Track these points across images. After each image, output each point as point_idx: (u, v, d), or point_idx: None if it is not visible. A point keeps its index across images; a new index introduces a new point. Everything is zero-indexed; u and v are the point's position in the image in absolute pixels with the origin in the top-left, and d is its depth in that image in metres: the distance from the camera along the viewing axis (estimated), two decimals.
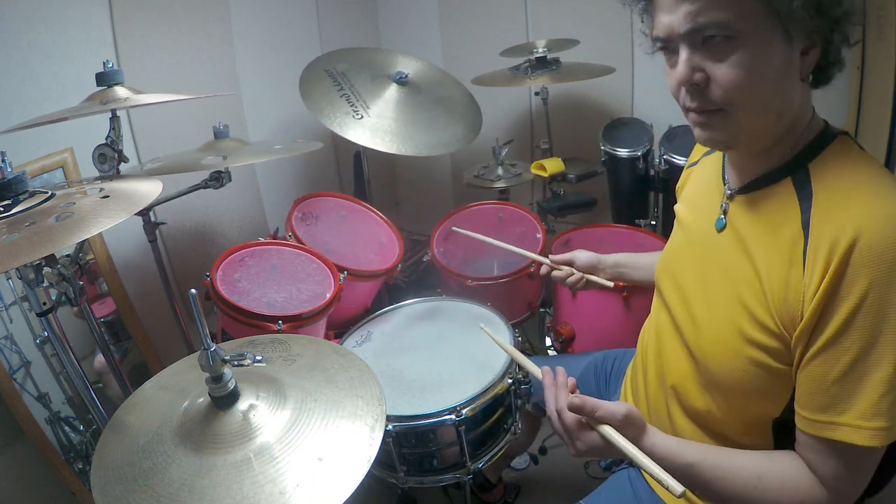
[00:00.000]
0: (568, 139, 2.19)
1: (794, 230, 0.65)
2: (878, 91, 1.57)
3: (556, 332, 1.60)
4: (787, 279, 0.65)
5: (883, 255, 0.58)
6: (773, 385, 0.70)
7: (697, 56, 0.64)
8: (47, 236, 0.71)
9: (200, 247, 1.84)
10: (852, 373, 0.61)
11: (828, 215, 0.63)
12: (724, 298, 0.74)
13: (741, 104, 0.65)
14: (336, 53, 1.86)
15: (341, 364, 0.90)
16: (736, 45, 0.62)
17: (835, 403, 0.63)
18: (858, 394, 0.61)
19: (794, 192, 0.67)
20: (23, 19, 1.34)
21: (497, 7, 2.31)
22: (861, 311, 0.59)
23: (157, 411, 0.81)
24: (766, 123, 0.67)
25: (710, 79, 0.64)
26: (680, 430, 0.86)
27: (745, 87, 0.63)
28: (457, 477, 1.11)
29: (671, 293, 0.88)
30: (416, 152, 1.63)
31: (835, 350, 0.62)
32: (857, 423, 0.61)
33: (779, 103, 0.66)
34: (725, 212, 0.77)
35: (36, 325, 1.35)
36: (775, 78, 0.64)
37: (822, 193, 0.65)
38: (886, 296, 0.58)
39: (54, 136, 1.40)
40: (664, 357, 0.89)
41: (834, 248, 0.60)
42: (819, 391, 0.64)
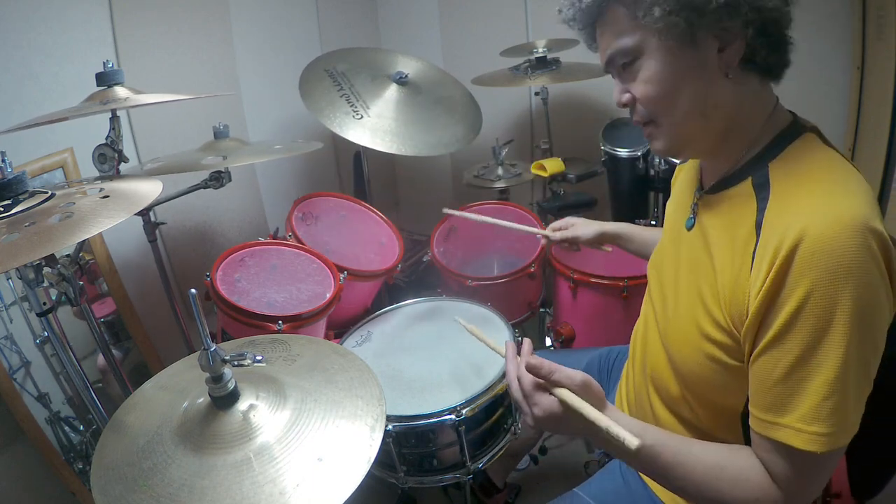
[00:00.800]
0: (568, 139, 2.19)
1: (747, 230, 0.66)
2: (878, 91, 1.57)
3: (556, 332, 1.60)
4: (736, 277, 0.66)
5: (826, 258, 0.58)
6: (731, 380, 0.71)
7: (623, 79, 0.72)
8: (47, 236, 0.71)
9: (200, 247, 1.84)
10: (793, 374, 0.61)
11: (778, 217, 0.63)
12: (688, 294, 0.76)
13: (660, 113, 0.70)
14: (336, 53, 1.86)
15: (341, 364, 0.90)
16: (640, 63, 0.69)
17: (778, 404, 0.63)
18: (799, 396, 0.61)
19: (752, 192, 0.68)
20: (23, 19, 1.34)
21: (497, 7, 2.31)
22: (803, 313, 0.59)
23: (157, 411, 0.81)
24: (694, 126, 0.70)
25: (635, 98, 0.71)
26: (661, 421, 0.88)
27: (655, 97, 0.69)
28: (457, 477, 1.11)
29: (655, 287, 0.91)
30: (416, 152, 1.63)
31: (777, 350, 0.62)
32: (798, 425, 0.61)
33: (700, 104, 0.68)
34: (695, 212, 0.80)
35: (36, 325, 1.35)
36: (685, 82, 0.67)
37: (778, 194, 0.65)
38: (829, 299, 0.58)
39: (54, 136, 1.40)
40: (648, 347, 0.92)
41: (778, 248, 0.60)
42: (763, 390, 0.64)
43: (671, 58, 0.66)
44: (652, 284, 0.93)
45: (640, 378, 0.94)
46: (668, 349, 0.81)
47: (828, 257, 0.57)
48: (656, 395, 0.88)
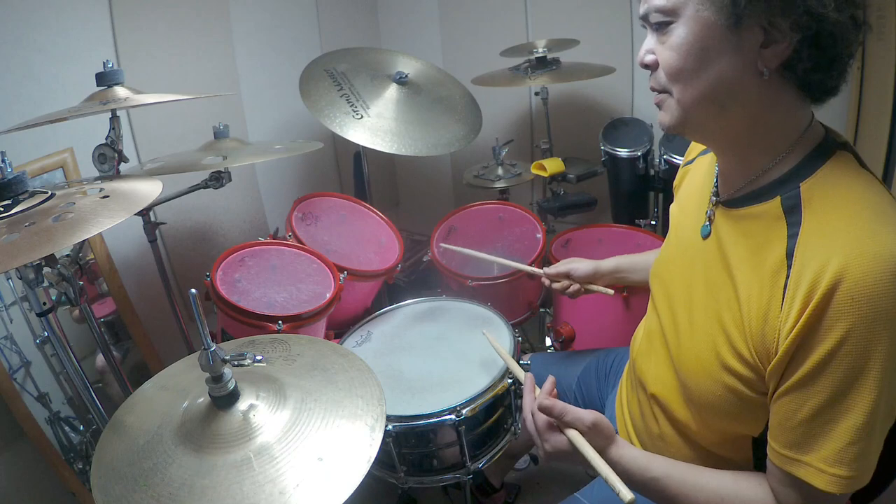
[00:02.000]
0: (568, 139, 2.19)
1: (777, 259, 0.62)
2: (878, 91, 1.57)
3: (556, 332, 1.60)
4: (766, 311, 0.62)
5: (866, 303, 0.54)
6: (749, 411, 0.69)
7: (653, 39, 0.67)
8: (47, 236, 0.71)
9: (200, 247, 1.84)
10: (820, 416, 0.59)
11: (813, 248, 0.59)
12: (706, 316, 0.72)
13: (676, 86, 0.65)
14: (336, 53, 1.86)
15: (341, 364, 0.90)
16: (674, 27, 0.63)
17: (801, 442, 0.61)
18: (824, 438, 0.59)
19: (782, 215, 0.64)
20: (23, 19, 1.34)
21: (497, 7, 2.31)
22: (837, 357, 0.56)
23: (157, 411, 0.81)
24: (706, 113, 0.65)
25: (658, 61, 0.66)
26: (665, 436, 0.86)
27: (675, 66, 0.63)
28: (457, 477, 1.11)
29: (661, 299, 0.87)
30: (416, 152, 1.63)
31: (805, 391, 0.59)
32: (820, 465, 0.60)
33: (718, 91, 0.63)
34: (711, 219, 0.75)
35: (36, 325, 1.35)
36: (710, 62, 0.62)
37: (811, 221, 0.61)
38: (865, 344, 0.55)
39: (54, 136, 1.40)
40: (651, 363, 0.89)
41: (815, 286, 0.57)
42: (787, 427, 0.63)
43: (706, 31, 0.61)
44: (658, 297, 0.88)
45: (642, 395, 0.91)
46: (681, 374, 0.77)
47: (868, 302, 0.54)
48: (661, 413, 0.86)
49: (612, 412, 1.11)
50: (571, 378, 1.23)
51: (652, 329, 0.90)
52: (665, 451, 0.86)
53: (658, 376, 0.86)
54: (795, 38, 0.58)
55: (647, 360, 0.90)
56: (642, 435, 0.94)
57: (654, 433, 0.89)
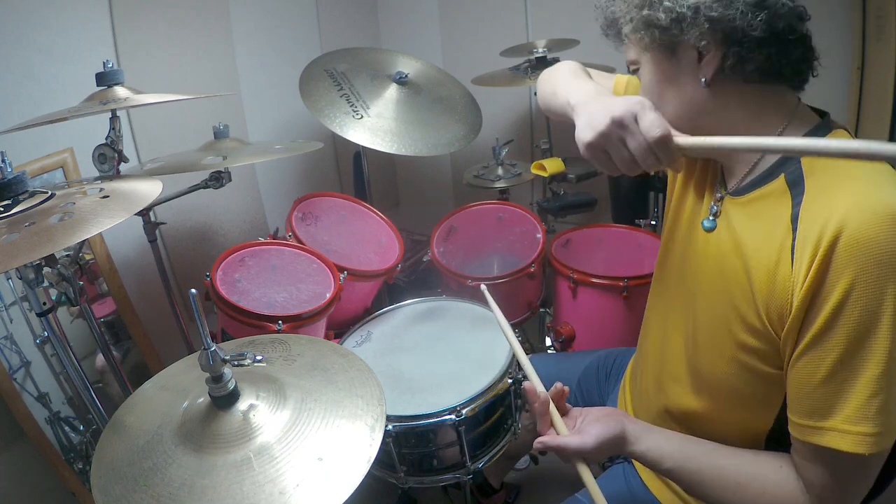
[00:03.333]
0: (568, 139, 2.17)
1: (784, 225, 0.64)
2: (878, 91, 1.57)
3: (556, 332, 1.60)
4: (774, 275, 0.64)
5: (867, 249, 0.56)
6: (764, 391, 0.69)
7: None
8: (47, 236, 0.71)
9: (200, 247, 1.84)
10: (838, 373, 0.59)
11: (816, 209, 0.61)
12: (717, 302, 0.73)
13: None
14: (336, 53, 1.86)
15: (341, 364, 0.90)
16: (638, 73, 0.76)
17: (821, 407, 0.61)
18: (845, 396, 0.59)
19: (786, 188, 0.67)
20: (23, 19, 1.34)
21: (497, 7, 2.31)
22: (846, 308, 0.57)
23: (157, 411, 0.81)
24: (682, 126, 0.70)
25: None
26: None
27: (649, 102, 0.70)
28: (457, 477, 1.11)
29: (668, 290, 0.88)
30: (416, 152, 1.63)
31: (820, 349, 0.60)
32: (844, 427, 0.60)
33: (683, 110, 0.71)
34: (716, 214, 0.77)
35: (36, 325, 1.35)
36: (666, 91, 0.72)
37: (813, 188, 0.63)
38: (873, 291, 0.56)
39: (54, 136, 1.40)
40: (662, 357, 0.89)
41: (819, 240, 0.59)
42: (806, 394, 0.63)
43: (656, 68, 0.72)
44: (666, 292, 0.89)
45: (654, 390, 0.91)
46: (697, 362, 0.78)
47: (870, 248, 0.56)
48: (673, 413, 0.86)
49: None
50: (572, 379, 1.23)
51: (661, 323, 0.91)
52: None
53: (669, 371, 0.86)
54: (718, 44, 0.65)
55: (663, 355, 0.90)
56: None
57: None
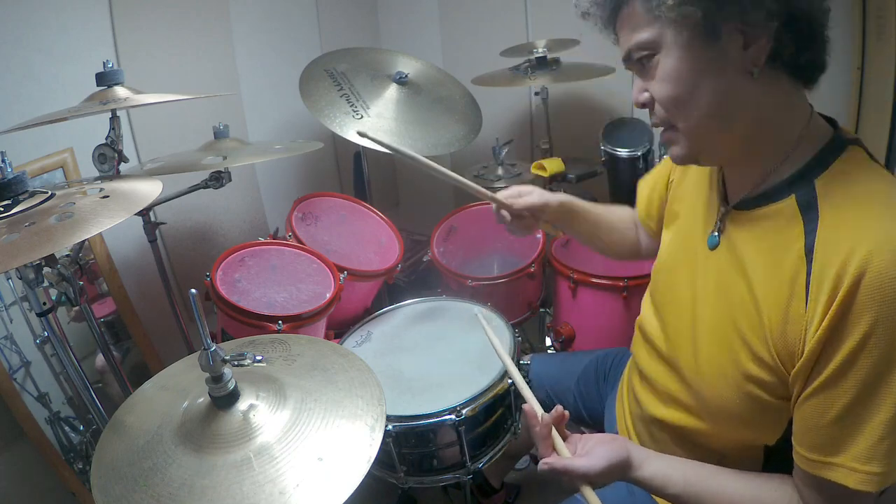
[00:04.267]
0: (568, 139, 2.19)
1: (796, 257, 0.61)
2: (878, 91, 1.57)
3: (556, 332, 1.60)
4: (786, 312, 0.61)
5: (891, 291, 0.53)
6: (769, 417, 0.68)
7: (642, 77, 0.67)
8: (47, 236, 0.71)
9: (200, 247, 1.84)
10: (850, 415, 0.58)
11: (833, 243, 0.58)
12: (721, 327, 0.71)
13: (678, 115, 0.65)
14: (336, 53, 1.86)
15: (341, 364, 0.90)
16: (658, 59, 0.63)
17: (830, 444, 0.60)
18: (855, 436, 0.58)
19: (798, 212, 0.62)
20: (23, 19, 1.34)
21: (497, 7, 2.31)
22: (864, 351, 0.55)
23: (157, 411, 0.81)
24: (714, 130, 0.65)
25: (654, 98, 0.66)
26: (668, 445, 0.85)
27: (673, 96, 0.63)
28: (457, 477, 1.11)
29: (667, 304, 0.85)
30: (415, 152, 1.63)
31: (833, 390, 0.58)
32: (852, 465, 0.59)
33: (721, 106, 0.63)
34: (721, 230, 0.73)
35: (36, 325, 1.35)
36: (705, 81, 0.62)
37: (829, 216, 0.59)
38: (892, 335, 0.54)
39: (54, 136, 1.40)
40: (648, 369, 0.88)
41: (839, 280, 0.56)
42: (815, 430, 0.61)
43: (689, 53, 0.61)
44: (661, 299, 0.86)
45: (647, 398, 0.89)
46: (697, 386, 0.75)
47: (893, 291, 0.53)
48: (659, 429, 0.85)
49: (612, 412, 1.11)
50: (571, 378, 1.23)
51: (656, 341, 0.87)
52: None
53: (662, 382, 0.84)
54: (773, 28, 0.58)
55: (645, 367, 0.89)
56: (645, 441, 0.93)
57: (657, 441, 0.88)
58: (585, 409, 1.20)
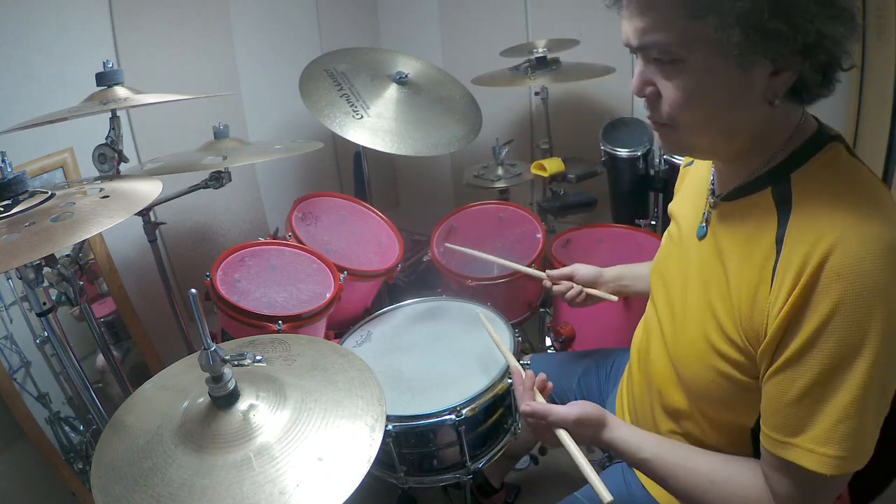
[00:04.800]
0: (568, 139, 2.19)
1: (767, 245, 0.63)
2: (878, 91, 1.57)
3: (556, 332, 1.60)
4: (754, 296, 0.64)
5: (852, 276, 0.55)
6: (742, 396, 0.70)
7: (651, 69, 0.65)
8: (47, 236, 0.71)
9: (200, 247, 1.84)
10: (809, 395, 0.59)
11: (803, 234, 0.60)
12: (699, 306, 0.74)
13: (683, 123, 0.65)
14: (336, 53, 1.86)
15: (341, 364, 0.90)
16: (681, 68, 0.61)
17: (791, 424, 0.61)
18: (814, 417, 0.59)
19: (773, 204, 0.65)
20: (23, 19, 1.34)
21: (497, 7, 2.31)
22: (824, 334, 0.57)
23: (157, 411, 0.81)
24: (713, 142, 0.67)
25: (659, 94, 0.65)
26: (663, 432, 0.87)
27: (686, 108, 0.63)
28: (457, 477, 1.11)
29: (659, 293, 0.89)
30: (415, 152, 1.63)
31: (794, 370, 0.60)
32: (809, 446, 0.60)
33: (728, 125, 0.64)
34: (707, 220, 0.76)
35: (36, 325, 1.35)
36: (722, 103, 0.62)
37: (801, 210, 0.62)
38: (854, 320, 0.56)
39: (54, 136, 1.40)
40: (651, 360, 0.90)
41: (803, 266, 0.58)
42: (776, 410, 0.63)
43: (716, 75, 0.60)
44: (656, 293, 0.90)
45: (643, 389, 0.92)
46: (677, 364, 0.79)
47: (854, 278, 0.55)
48: (661, 410, 0.87)
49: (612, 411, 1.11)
50: (572, 379, 1.23)
51: (650, 325, 0.92)
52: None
53: (657, 371, 0.87)
54: (800, 64, 0.59)
55: (647, 357, 0.91)
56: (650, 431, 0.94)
57: (651, 430, 0.89)
58: None
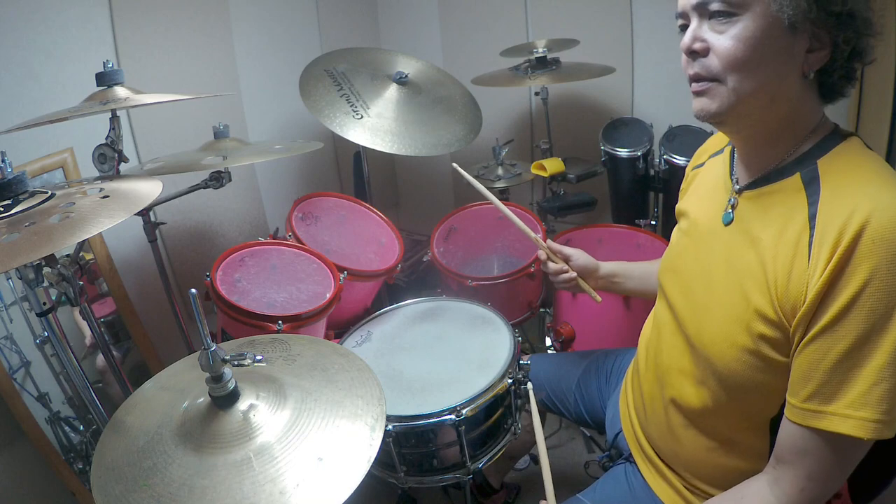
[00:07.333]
0: (568, 139, 2.19)
1: (800, 223, 0.67)
2: (878, 91, 1.57)
3: (556, 332, 1.60)
4: (790, 269, 0.67)
5: (887, 245, 0.59)
6: (771, 378, 0.71)
7: (704, 27, 0.69)
8: (47, 236, 0.71)
9: (200, 247, 1.84)
10: (845, 361, 0.62)
11: (834, 208, 0.64)
12: (726, 290, 0.76)
13: (733, 74, 0.68)
14: (336, 53, 1.86)
15: (341, 364, 0.90)
16: (737, 21, 0.66)
17: (825, 392, 0.64)
18: (850, 383, 0.62)
19: (801, 186, 0.69)
20: (23, 19, 1.34)
21: (497, 7, 2.31)
22: (860, 299, 0.60)
23: (157, 411, 0.81)
24: (756, 103, 0.70)
25: (709, 49, 0.69)
26: (675, 427, 0.87)
27: (739, 57, 0.67)
28: (457, 477, 1.11)
29: (673, 288, 0.89)
30: (416, 152, 1.63)
31: (831, 336, 0.63)
32: (845, 412, 0.62)
33: (771, 85, 0.68)
34: (734, 206, 0.79)
35: (36, 325, 1.35)
36: (771, 58, 0.67)
37: (829, 188, 0.66)
38: (889, 284, 0.59)
39: (54, 136, 1.40)
40: (663, 353, 0.90)
41: (840, 237, 0.62)
42: (811, 377, 0.65)
43: (772, 29, 0.66)
44: (670, 289, 0.90)
45: (655, 387, 0.93)
46: (701, 349, 0.80)
47: (888, 245, 0.59)
48: (673, 405, 0.87)
49: (614, 411, 1.11)
50: (572, 379, 1.23)
51: (663, 319, 0.92)
52: (677, 445, 0.88)
53: (672, 364, 0.87)
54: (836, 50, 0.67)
55: (659, 352, 0.91)
56: (651, 432, 0.95)
57: (664, 428, 0.90)
58: (586, 410, 1.20)
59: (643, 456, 0.97)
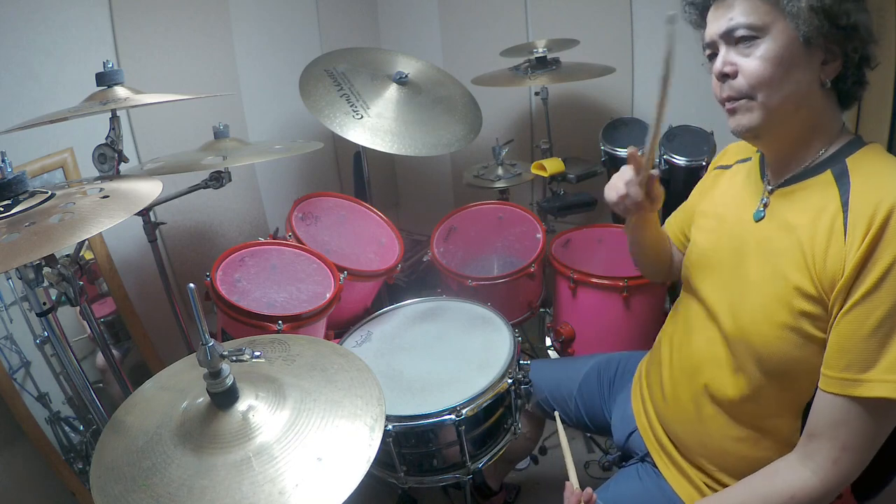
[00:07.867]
0: (568, 139, 2.19)
1: (834, 207, 0.74)
2: (878, 91, 1.57)
3: (556, 332, 1.60)
4: (827, 246, 0.73)
5: None
6: (810, 355, 0.76)
7: (731, 53, 0.78)
8: (47, 236, 0.71)
9: (200, 247, 1.84)
10: (881, 328, 0.68)
11: (864, 196, 0.72)
12: (763, 275, 0.81)
13: (762, 91, 0.76)
14: (336, 53, 1.86)
15: (341, 364, 0.90)
16: (760, 43, 0.76)
17: (862, 360, 0.69)
18: (884, 349, 0.68)
19: (832, 180, 0.77)
20: (23, 19, 1.34)
21: (497, 7, 2.31)
22: (893, 271, 0.67)
23: (156, 411, 0.81)
24: (785, 113, 0.77)
25: (738, 71, 0.77)
26: (705, 418, 0.90)
27: (768, 76, 0.75)
28: (457, 477, 1.11)
29: (703, 283, 0.93)
30: (416, 152, 1.63)
31: (868, 304, 0.69)
32: (882, 377, 0.68)
33: (795, 96, 0.76)
34: (766, 204, 0.86)
35: (36, 325, 1.35)
36: (792, 72, 0.75)
37: (859, 180, 0.74)
38: None
39: (54, 136, 1.40)
40: (692, 345, 0.93)
41: (872, 219, 0.69)
42: (849, 348, 0.70)
43: (791, 47, 0.74)
44: (701, 283, 0.94)
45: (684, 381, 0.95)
46: (740, 337, 0.84)
47: None
48: (706, 395, 0.90)
49: (621, 414, 1.12)
50: (573, 385, 1.23)
51: (693, 315, 0.95)
52: (705, 436, 0.91)
53: (705, 357, 0.90)
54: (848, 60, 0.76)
55: (689, 348, 0.94)
56: (674, 427, 0.97)
57: (692, 419, 0.92)
58: (588, 415, 1.20)
59: (662, 452, 0.99)
